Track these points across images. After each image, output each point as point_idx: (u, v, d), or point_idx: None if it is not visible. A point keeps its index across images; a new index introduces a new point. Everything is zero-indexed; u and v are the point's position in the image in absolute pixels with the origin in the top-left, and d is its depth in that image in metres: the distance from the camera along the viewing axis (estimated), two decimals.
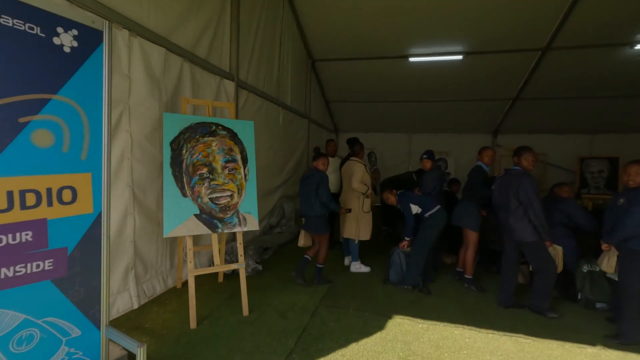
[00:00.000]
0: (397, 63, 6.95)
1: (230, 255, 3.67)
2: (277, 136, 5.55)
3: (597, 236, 2.98)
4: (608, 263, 2.53)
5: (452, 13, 5.52)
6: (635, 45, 5.60)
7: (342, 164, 4.37)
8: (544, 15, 5.42)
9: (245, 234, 4.40)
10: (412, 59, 6.67)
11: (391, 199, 3.63)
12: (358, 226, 3.93)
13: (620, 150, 8.22)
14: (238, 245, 2.59)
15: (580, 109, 7.69)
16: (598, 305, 2.92)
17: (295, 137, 6.60)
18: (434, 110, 8.62)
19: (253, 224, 2.66)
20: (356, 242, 3.93)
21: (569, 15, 5.28)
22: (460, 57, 6.43)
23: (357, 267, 3.93)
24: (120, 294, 2.60)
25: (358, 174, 3.96)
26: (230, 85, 4.00)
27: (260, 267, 3.81)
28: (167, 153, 2.37)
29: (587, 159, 8.10)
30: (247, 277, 3.54)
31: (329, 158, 3.73)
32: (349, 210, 3.95)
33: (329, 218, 3.99)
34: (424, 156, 3.87)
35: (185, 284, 2.98)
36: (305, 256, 3.70)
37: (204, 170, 2.45)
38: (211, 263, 3.60)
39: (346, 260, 4.20)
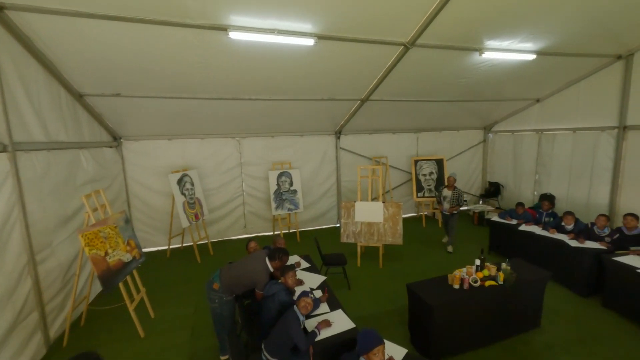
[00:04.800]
0: (209, 38, 3.81)
1: None
2: None
3: None
4: None
5: None
6: (484, 53, 4.98)
7: None
8: (415, 6, 3.79)
9: None
10: (233, 35, 3.73)
11: None
12: None
13: (438, 146, 8.73)
14: None
15: (415, 111, 7.27)
16: None
17: None
18: (272, 110, 6.11)
19: None
20: None
21: (441, 10, 3.87)
22: (312, 41, 4.05)
23: None
24: None
25: None
26: None
27: None
28: None
29: (419, 161, 8.05)
30: None
31: None
32: None
33: None
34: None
35: None
36: None
37: None
38: None
39: None
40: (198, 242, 6.22)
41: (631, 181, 5.92)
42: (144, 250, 6.53)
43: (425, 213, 8.37)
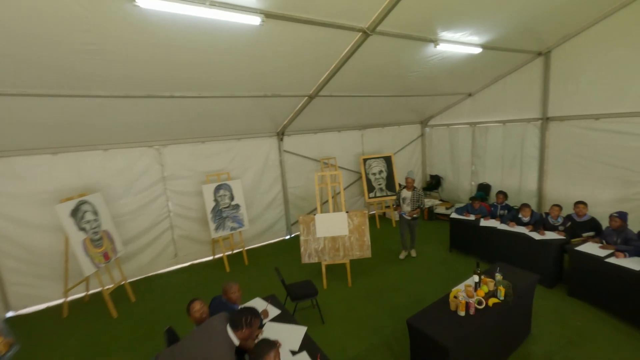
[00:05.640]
0: (106, 7, 2.55)
1: None
2: None
3: None
4: None
5: None
6: (439, 44, 4.69)
7: None
8: None
9: None
10: (144, 3, 2.56)
11: None
12: None
13: (382, 142, 8.55)
14: None
15: (360, 107, 6.82)
16: None
17: None
18: (201, 110, 4.91)
19: None
20: None
21: None
22: (257, 19, 3.10)
23: None
24: None
25: None
26: None
27: None
28: None
29: (368, 159, 7.68)
30: None
31: None
32: None
33: None
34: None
35: None
36: None
37: None
38: None
39: None
40: (112, 288, 4.65)
41: (554, 167, 6.47)
42: (25, 311, 4.69)
43: (376, 212, 8.10)
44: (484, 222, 5.23)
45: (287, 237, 7.22)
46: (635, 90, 5.21)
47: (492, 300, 2.96)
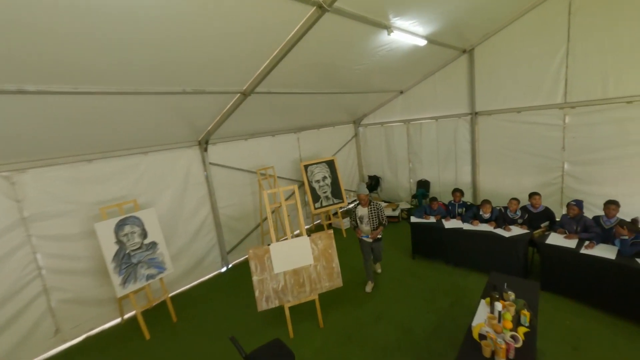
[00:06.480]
0: None
1: None
2: None
3: None
4: None
5: None
6: (392, 32, 4.15)
7: None
8: None
9: None
10: None
11: None
12: None
13: (319, 145, 7.83)
14: None
15: (295, 106, 5.96)
16: None
17: None
18: (85, 112, 3.28)
19: None
20: None
21: None
22: None
23: None
24: None
25: None
26: None
27: None
28: None
29: (309, 166, 6.82)
30: None
31: None
32: None
33: None
34: None
35: None
36: None
37: None
38: None
39: None
40: None
41: (485, 159, 6.77)
42: None
43: (323, 222, 7.31)
44: (448, 224, 4.94)
45: (224, 269, 5.82)
46: (547, 84, 5.64)
47: (521, 330, 2.44)
